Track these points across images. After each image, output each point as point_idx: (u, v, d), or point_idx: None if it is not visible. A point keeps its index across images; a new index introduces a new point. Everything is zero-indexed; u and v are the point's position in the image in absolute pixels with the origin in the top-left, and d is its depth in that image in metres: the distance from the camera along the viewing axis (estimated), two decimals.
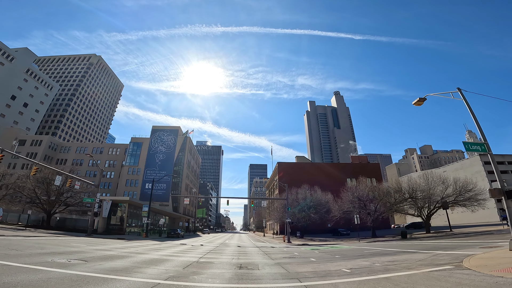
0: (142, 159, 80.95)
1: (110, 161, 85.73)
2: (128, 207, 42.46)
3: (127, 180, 78.58)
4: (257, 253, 18.99)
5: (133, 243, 24.29)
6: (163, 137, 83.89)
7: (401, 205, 40.02)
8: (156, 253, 16.26)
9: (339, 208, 41.82)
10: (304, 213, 45.42)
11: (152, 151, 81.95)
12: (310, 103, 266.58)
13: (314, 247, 25.78)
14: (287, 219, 36.44)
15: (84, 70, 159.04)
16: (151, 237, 38.52)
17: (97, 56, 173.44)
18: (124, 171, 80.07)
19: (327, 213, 46.10)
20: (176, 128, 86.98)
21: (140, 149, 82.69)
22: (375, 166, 79.88)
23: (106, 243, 22.07)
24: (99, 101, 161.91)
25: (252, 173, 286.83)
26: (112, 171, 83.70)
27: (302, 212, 45.88)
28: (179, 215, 72.17)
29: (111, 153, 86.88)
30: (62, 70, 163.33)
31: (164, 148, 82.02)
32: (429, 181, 38.92)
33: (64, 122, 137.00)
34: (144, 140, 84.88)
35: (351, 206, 39.01)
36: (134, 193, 76.33)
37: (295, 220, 47.40)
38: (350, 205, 39.32)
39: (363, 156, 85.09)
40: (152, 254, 15.30)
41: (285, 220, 36.67)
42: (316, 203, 45.70)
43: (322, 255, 16.62)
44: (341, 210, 41.34)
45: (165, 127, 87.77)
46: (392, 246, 22.01)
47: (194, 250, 20.39)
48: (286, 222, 36.44)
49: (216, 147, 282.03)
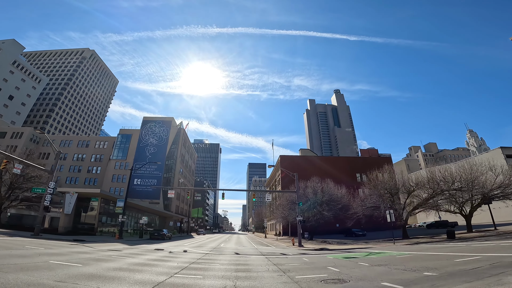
0: (131, 152, 72.69)
1: (96, 155, 77.44)
2: (102, 203, 34.21)
3: (114, 175, 70.25)
4: (267, 269, 10.95)
5: (81, 247, 16.18)
6: (155, 129, 75.71)
7: (436, 199, 32.04)
8: (77, 269, 8.22)
9: (361, 203, 33.85)
10: (315, 210, 37.40)
11: (142, 144, 73.73)
12: (309, 101, 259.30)
13: (342, 254, 17.80)
14: (298, 217, 28.40)
15: (77, 64, 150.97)
16: (127, 239, 30.34)
17: (90, 51, 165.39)
18: (111, 166, 71.75)
19: (342, 210, 38.13)
20: (169, 120, 78.83)
21: (129, 142, 74.46)
22: (387, 160, 72.02)
23: (28, 246, 13.89)
24: (92, 96, 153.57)
25: (251, 173, 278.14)
26: (98, 166, 75.35)
27: (313, 209, 37.86)
28: (171, 214, 63.84)
29: (98, 147, 78.52)
30: (54, 64, 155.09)
31: (156, 141, 73.82)
32: (472, 170, 31.04)
33: (53, 117, 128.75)
34: (133, 132, 76.67)
35: (380, 200, 31.00)
36: (121, 189, 67.94)
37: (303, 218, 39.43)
38: (376, 200, 31.34)
39: (373, 149, 77.28)
40: (63, 271, 7.22)
41: (296, 218, 28.66)
42: (329, 198, 37.68)
43: (393, 272, 8.65)
44: (364, 206, 33.35)
45: (157, 118, 79.59)
46: (468, 250, 14.07)
47: (165, 263, 12.36)
48: (297, 221, 28.44)
49: (214, 145, 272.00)
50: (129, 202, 42.78)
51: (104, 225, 34.77)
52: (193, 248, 22.59)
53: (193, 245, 26.81)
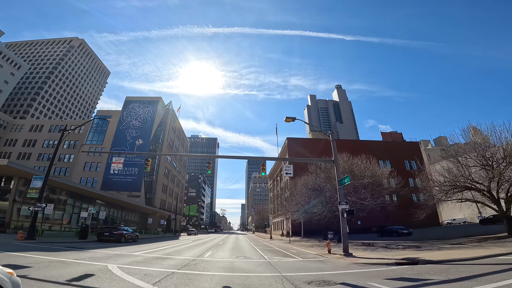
0: (109, 136, 59.67)
1: (70, 142, 64.42)
2: (19, 184, 21.27)
3: (86, 163, 57.15)
4: None
5: None
6: (139, 110, 62.74)
7: None
8: None
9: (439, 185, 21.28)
10: (351, 199, 24.62)
11: (123, 126, 60.70)
12: (310, 97, 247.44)
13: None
14: (342, 204, 15.59)
15: (63, 53, 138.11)
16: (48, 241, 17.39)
17: (79, 40, 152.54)
18: (83, 153, 58.61)
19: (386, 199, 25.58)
20: (156, 99, 65.92)
21: (107, 124, 61.36)
22: (413, 146, 59.62)
23: None
24: (79, 87, 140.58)
25: (250, 169, 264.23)
26: (71, 154, 62.28)
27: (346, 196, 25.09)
28: (153, 209, 50.83)
29: (72, 131, 65.40)
30: (39, 53, 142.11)
31: (139, 123, 60.85)
32: None
33: (35, 106, 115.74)
34: (113, 113, 63.59)
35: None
36: (95, 179, 54.90)
37: (321, 211, 26.79)
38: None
39: (396, 133, 64.79)
40: None
41: (339, 206, 15.77)
42: (373, 181, 24.98)
43: None
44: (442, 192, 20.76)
45: (142, 98, 66.66)
46: None
47: None
48: (340, 212, 15.72)
49: (211, 139, 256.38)
50: (90, 192, 29.94)
51: (23, 218, 21.84)
52: (132, 267, 9.75)
53: (153, 255, 14.02)
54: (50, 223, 25.14)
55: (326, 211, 26.80)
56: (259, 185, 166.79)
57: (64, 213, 26.56)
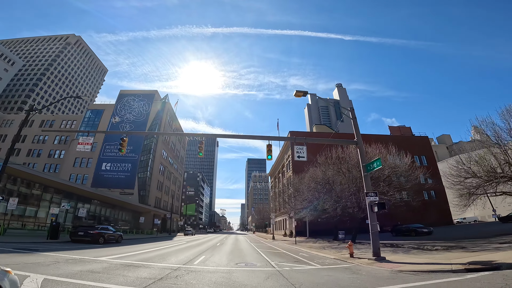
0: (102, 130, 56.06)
1: (61, 137, 60.89)
2: None
3: (77, 159, 53.57)
4: None
5: None
6: (133, 103, 59.20)
7: None
8: None
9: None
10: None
11: (116, 121, 57.14)
12: (310, 95, 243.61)
13: None
14: (371, 196, 12.10)
15: (59, 49, 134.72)
16: (7, 241, 13.85)
17: (76, 36, 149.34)
18: (74, 147, 55.05)
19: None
20: (152, 92, 62.44)
21: (100, 119, 57.95)
22: (423, 141, 56.23)
23: None
24: (76, 83, 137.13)
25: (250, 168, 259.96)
26: (62, 150, 58.80)
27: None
28: (147, 208, 47.25)
29: (64, 127, 62.07)
30: (35, 50, 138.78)
31: (133, 117, 57.31)
32: None
33: (29, 103, 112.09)
34: (106, 107, 60.20)
35: None
36: (85, 176, 51.36)
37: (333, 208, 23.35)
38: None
39: (404, 127, 61.35)
40: None
41: (366, 198, 12.23)
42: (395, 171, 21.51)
43: None
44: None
45: (137, 91, 63.18)
46: None
47: None
48: (367, 205, 12.15)
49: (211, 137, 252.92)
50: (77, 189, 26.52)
51: None
52: (71, 280, 6.28)
53: (124, 261, 10.55)
54: (21, 220, 21.63)
55: (337, 208, 23.32)
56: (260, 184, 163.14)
57: (38, 210, 23.02)
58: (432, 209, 48.43)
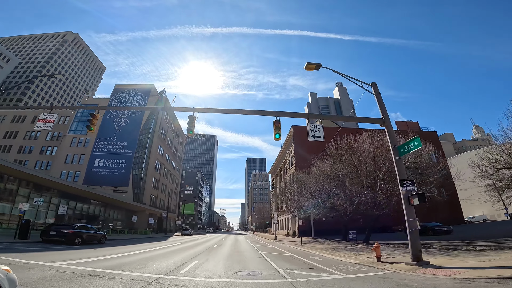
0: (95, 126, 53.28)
1: (54, 133, 58.08)
2: None
3: (68, 155, 50.90)
4: None
5: None
6: (129, 98, 56.56)
7: None
8: None
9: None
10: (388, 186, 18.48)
11: (111, 115, 54.45)
12: (311, 94, 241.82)
13: None
14: (407, 187, 9.47)
15: (56, 47, 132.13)
16: None
17: (73, 34, 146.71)
18: (66, 143, 52.52)
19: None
20: (149, 87, 59.86)
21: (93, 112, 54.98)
22: (432, 136, 53.44)
23: None
24: (73, 81, 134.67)
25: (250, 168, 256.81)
26: (54, 146, 56.04)
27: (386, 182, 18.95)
28: (142, 206, 44.53)
29: (56, 122, 59.07)
30: (32, 47, 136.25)
31: (128, 112, 54.68)
32: None
33: (24, 101, 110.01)
34: (101, 101, 57.59)
35: None
36: (77, 173, 48.67)
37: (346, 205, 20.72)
38: None
39: (412, 122, 58.64)
40: None
41: (401, 189, 9.58)
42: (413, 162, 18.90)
43: None
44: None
45: (132, 85, 60.55)
46: None
47: None
48: (404, 198, 9.53)
49: (210, 136, 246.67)
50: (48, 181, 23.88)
51: None
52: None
53: (87, 267, 8.01)
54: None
55: (350, 205, 20.68)
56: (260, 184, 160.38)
57: (13, 206, 20.38)
58: (442, 207, 45.87)
